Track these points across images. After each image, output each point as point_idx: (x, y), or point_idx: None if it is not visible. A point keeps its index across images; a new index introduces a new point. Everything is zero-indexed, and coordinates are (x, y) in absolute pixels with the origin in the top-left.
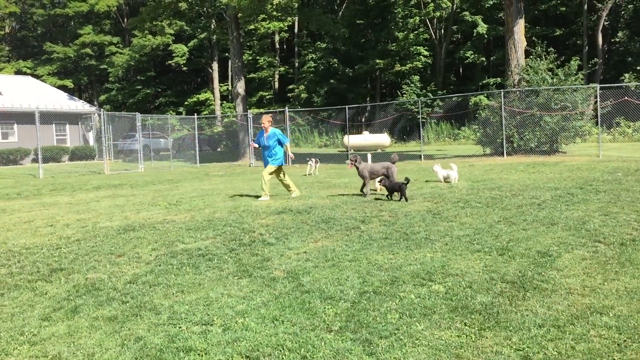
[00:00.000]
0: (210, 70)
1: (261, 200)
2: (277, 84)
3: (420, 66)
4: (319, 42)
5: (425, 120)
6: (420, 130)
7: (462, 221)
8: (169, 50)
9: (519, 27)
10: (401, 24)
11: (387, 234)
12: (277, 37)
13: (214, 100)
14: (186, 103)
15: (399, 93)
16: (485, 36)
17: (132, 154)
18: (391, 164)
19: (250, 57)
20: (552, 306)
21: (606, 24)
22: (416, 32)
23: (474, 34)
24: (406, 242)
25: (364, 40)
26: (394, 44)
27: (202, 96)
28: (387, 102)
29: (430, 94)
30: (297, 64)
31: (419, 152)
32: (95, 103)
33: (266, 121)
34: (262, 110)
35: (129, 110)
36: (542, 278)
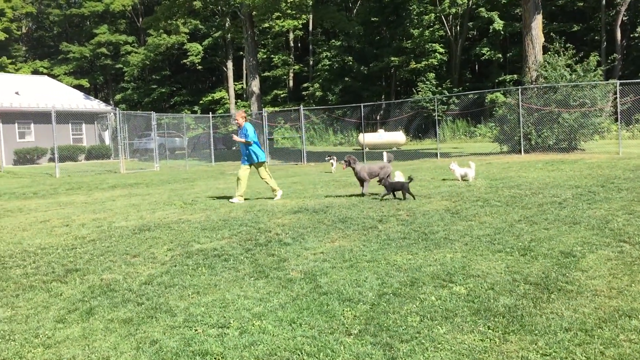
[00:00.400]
0: (224, 69)
1: (233, 201)
2: (291, 82)
3: (436, 63)
4: (334, 40)
5: (441, 118)
6: (437, 128)
7: (481, 220)
8: (183, 49)
9: (537, 23)
10: (416, 21)
11: (405, 234)
12: (291, 35)
13: (228, 99)
14: (201, 102)
15: (414, 91)
16: (502, 32)
17: (147, 153)
18: (387, 163)
19: (265, 56)
20: (579, 309)
21: (625, 19)
22: (431, 29)
23: (490, 31)
24: (425, 242)
25: (379, 38)
26: (409, 41)
27: (217, 95)
28: (402, 100)
29: (445, 91)
30: (311, 62)
31: (435, 150)
32: (111, 102)
33: (240, 117)
34: (277, 109)
35: (144, 109)
36: (566, 279)
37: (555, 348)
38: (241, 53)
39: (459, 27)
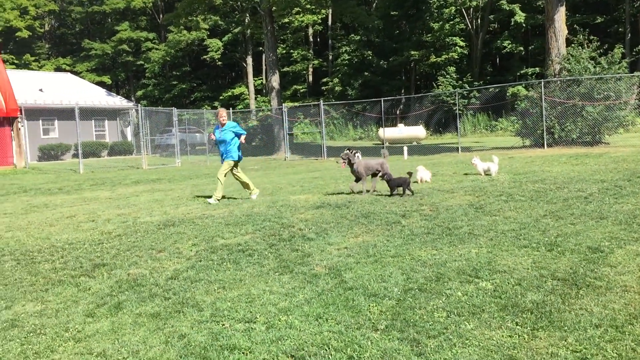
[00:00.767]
0: (244, 65)
1: (211, 202)
2: (311, 77)
3: (456, 57)
4: (353, 34)
5: (462, 112)
6: (457, 122)
7: (506, 215)
8: (203, 45)
9: (560, 15)
10: (436, 14)
11: (429, 229)
12: (310, 30)
13: (248, 95)
14: (221, 97)
15: (434, 85)
16: (523, 25)
17: (168, 148)
18: (383, 159)
19: (284, 51)
20: (608, 305)
21: None
22: (452, 22)
23: (512, 23)
24: (449, 237)
25: (398, 32)
26: (429, 34)
27: (237, 90)
28: (423, 94)
29: (466, 85)
30: (331, 57)
31: (456, 144)
32: (133, 99)
33: (224, 114)
34: (296, 104)
35: (165, 105)
36: (595, 275)
37: (586, 344)
38: (260, 48)
39: (479, 20)
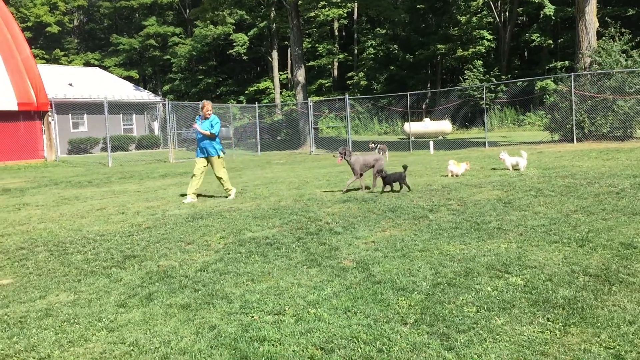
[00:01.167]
0: (270, 59)
1: (186, 202)
2: (336, 72)
3: (483, 50)
4: (379, 28)
5: (489, 107)
6: (485, 117)
7: (535, 210)
8: (229, 40)
9: (591, 7)
10: (463, 7)
11: (456, 224)
12: (336, 24)
13: (273, 89)
14: (246, 92)
15: (460, 79)
16: (553, 18)
17: (195, 142)
18: (380, 155)
19: (310, 45)
20: None
21: None
22: (479, 15)
23: (541, 16)
24: (477, 232)
25: (425, 25)
26: (455, 28)
27: (262, 85)
28: (449, 88)
29: (493, 79)
30: (356, 51)
31: (483, 139)
32: (159, 93)
33: (209, 106)
34: (321, 98)
35: (191, 100)
36: (628, 271)
37: (619, 341)
38: (286, 43)
39: (507, 13)
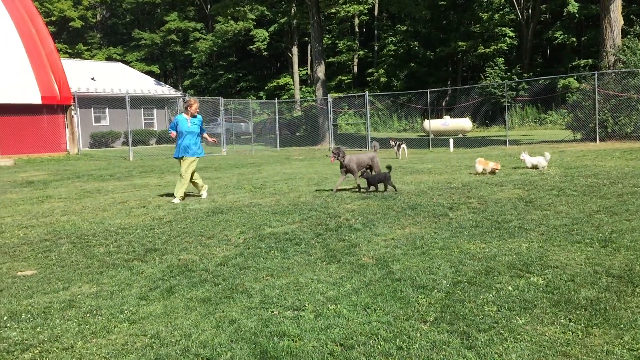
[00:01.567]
0: (290, 55)
1: (175, 202)
2: (356, 68)
3: (505, 48)
4: (399, 24)
5: (510, 105)
6: (506, 115)
7: (557, 210)
8: (250, 36)
9: (616, 5)
10: (485, 4)
11: (477, 222)
12: (356, 21)
13: (293, 85)
14: (266, 87)
15: (481, 76)
16: (576, 15)
17: (214, 137)
18: (374, 153)
19: (330, 41)
20: None
21: None
22: (501, 12)
23: (564, 13)
24: (498, 230)
25: (446, 22)
26: (477, 25)
27: (282, 80)
28: (470, 86)
29: (515, 76)
30: (376, 48)
31: (504, 137)
32: (180, 88)
33: (196, 104)
34: (341, 95)
35: (211, 95)
36: None
37: None
38: (306, 39)
39: (530, 10)
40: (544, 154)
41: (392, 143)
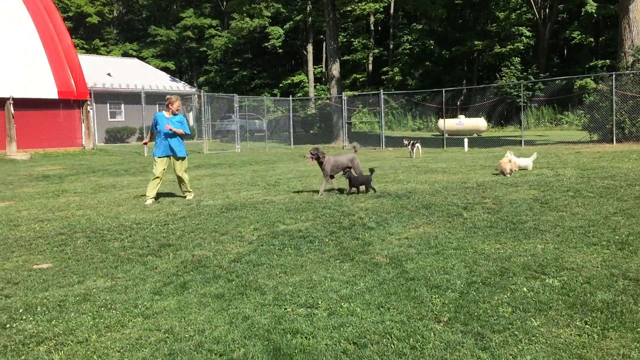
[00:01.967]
0: (304, 53)
1: (148, 203)
2: (370, 67)
3: (522, 47)
4: (415, 23)
5: (526, 105)
6: (522, 115)
7: (573, 211)
8: (265, 33)
9: (635, 5)
10: (502, 3)
11: (492, 222)
12: (372, 19)
13: (307, 83)
14: (281, 85)
15: (497, 76)
16: (595, 15)
17: (229, 134)
18: (354, 155)
19: (345, 39)
20: None
21: None
22: (518, 11)
23: (582, 13)
24: (513, 231)
25: (462, 21)
26: (493, 24)
27: (297, 78)
28: (485, 85)
29: (531, 76)
30: (391, 46)
31: (518, 137)
32: (195, 84)
33: (177, 102)
34: (355, 93)
35: (226, 92)
36: None
37: None
38: (321, 37)
39: (548, 10)
40: (532, 155)
41: (406, 142)
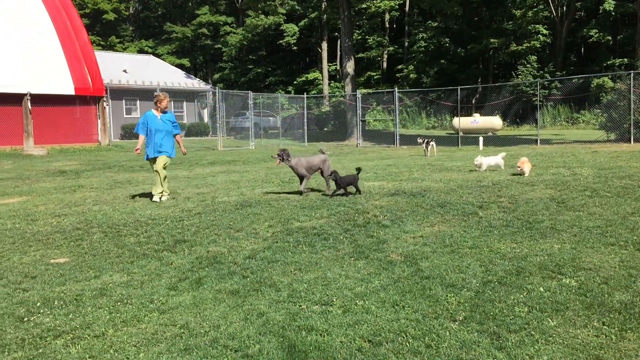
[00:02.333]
0: (319, 50)
1: (159, 199)
2: (385, 64)
3: (538, 46)
4: (430, 21)
5: (542, 103)
6: (537, 114)
7: (590, 211)
8: (280, 30)
9: None
10: (519, 0)
11: (507, 222)
12: (387, 16)
13: (322, 80)
14: (295, 82)
15: (513, 74)
16: (613, 13)
17: (243, 131)
18: (325, 156)
19: (359, 37)
20: None
21: None
22: (535, 9)
23: (600, 11)
24: (529, 231)
25: (478, 19)
26: (510, 22)
27: (311, 76)
28: (501, 84)
29: (547, 75)
30: (406, 44)
31: (534, 136)
32: (210, 81)
33: (166, 100)
34: (370, 91)
35: (240, 89)
36: None
37: None
38: (336, 34)
39: (565, 7)
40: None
41: (420, 141)
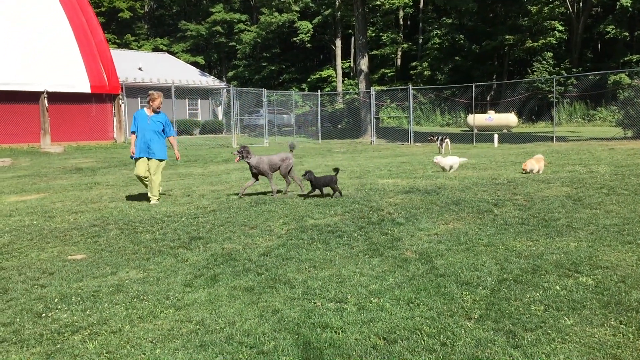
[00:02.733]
0: (333, 47)
1: (153, 204)
2: (399, 61)
3: (554, 42)
4: (445, 17)
5: (558, 100)
6: (553, 111)
7: (607, 209)
8: (294, 27)
9: None
10: None
11: (523, 219)
12: (401, 13)
13: (336, 77)
14: (309, 80)
15: (528, 71)
16: (630, 9)
17: (257, 128)
18: (289, 154)
19: (373, 34)
20: None
21: None
22: (551, 5)
23: (617, 7)
24: (545, 228)
25: (493, 15)
26: (525, 18)
27: (325, 73)
28: (516, 81)
29: (563, 71)
30: (420, 41)
31: (549, 133)
32: (224, 79)
33: (159, 99)
34: (384, 88)
35: (254, 86)
36: None
37: None
38: (350, 31)
39: (581, 3)
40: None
41: (434, 138)
